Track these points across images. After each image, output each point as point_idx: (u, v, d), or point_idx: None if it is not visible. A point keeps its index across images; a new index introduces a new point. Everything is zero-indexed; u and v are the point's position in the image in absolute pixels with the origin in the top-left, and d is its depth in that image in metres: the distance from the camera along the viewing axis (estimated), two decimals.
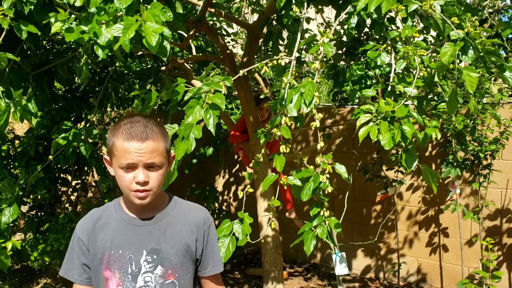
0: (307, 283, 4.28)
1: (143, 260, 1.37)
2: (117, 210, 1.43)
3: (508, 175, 3.63)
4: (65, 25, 2.05)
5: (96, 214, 1.47)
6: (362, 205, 4.35)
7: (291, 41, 2.78)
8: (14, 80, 2.79)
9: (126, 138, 1.30)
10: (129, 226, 1.39)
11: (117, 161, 1.32)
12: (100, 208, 1.49)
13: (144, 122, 1.33)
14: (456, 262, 3.86)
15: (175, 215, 1.43)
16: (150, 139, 1.31)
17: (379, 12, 2.01)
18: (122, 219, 1.41)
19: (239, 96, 3.29)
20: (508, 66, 2.00)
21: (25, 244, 3.90)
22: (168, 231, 1.40)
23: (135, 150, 1.29)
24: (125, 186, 1.33)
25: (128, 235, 1.38)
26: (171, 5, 2.47)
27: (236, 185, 5.28)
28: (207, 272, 1.47)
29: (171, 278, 1.38)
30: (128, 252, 1.37)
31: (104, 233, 1.40)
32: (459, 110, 3.51)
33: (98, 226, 1.42)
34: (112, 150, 1.33)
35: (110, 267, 1.37)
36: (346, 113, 4.45)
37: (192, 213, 1.46)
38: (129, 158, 1.29)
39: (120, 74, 4.10)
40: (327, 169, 2.02)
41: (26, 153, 3.81)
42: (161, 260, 1.37)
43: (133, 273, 1.36)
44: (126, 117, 1.37)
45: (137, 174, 1.30)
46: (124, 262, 1.36)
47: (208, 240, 1.45)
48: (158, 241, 1.38)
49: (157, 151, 1.32)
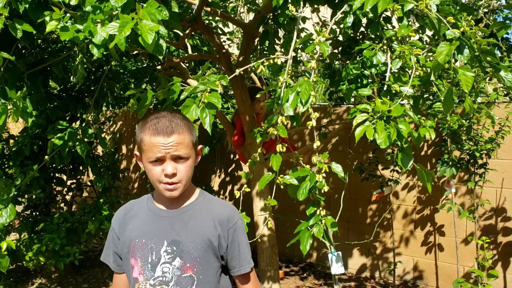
0: (303, 282, 4.28)
1: (163, 250, 1.40)
2: (148, 201, 1.49)
3: (503, 174, 3.65)
4: (60, 24, 2.04)
5: (129, 205, 1.54)
6: (358, 204, 4.36)
7: (287, 40, 2.78)
8: (9, 79, 2.78)
9: (152, 134, 1.35)
10: (154, 216, 1.44)
11: (146, 155, 1.37)
12: (136, 199, 1.55)
13: (169, 117, 1.39)
14: (451, 261, 3.87)
15: (200, 209, 1.45)
16: (176, 132, 1.36)
17: (375, 12, 2.01)
18: (150, 209, 1.46)
19: (235, 95, 3.28)
20: (503, 65, 2.01)
21: (20, 244, 3.89)
22: (191, 224, 1.42)
23: (161, 144, 1.34)
24: (155, 179, 1.37)
25: (152, 225, 1.43)
26: (167, 4, 2.47)
27: (232, 184, 5.28)
28: (235, 272, 1.48)
29: (189, 271, 1.39)
30: (151, 242, 1.41)
31: (133, 223, 1.46)
32: (455, 110, 3.52)
33: (129, 216, 1.49)
34: (141, 146, 1.39)
35: (135, 255, 1.42)
36: (342, 112, 4.45)
37: (217, 209, 1.47)
38: (157, 151, 1.34)
39: (116, 73, 4.08)
40: (323, 168, 2.02)
41: (21, 152, 3.80)
42: (180, 252, 1.39)
43: (153, 263, 1.39)
44: (152, 113, 1.42)
45: (165, 166, 1.35)
46: (146, 251, 1.40)
47: (233, 238, 1.45)
48: (179, 233, 1.41)
49: (183, 144, 1.37)
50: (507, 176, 3.64)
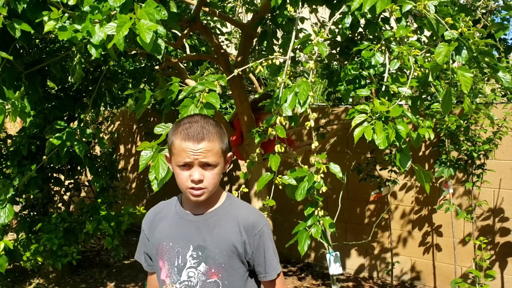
0: (301, 282, 4.28)
1: (189, 255, 1.41)
2: (176, 204, 1.50)
3: (501, 174, 3.65)
4: (58, 23, 2.04)
5: (159, 206, 1.55)
6: (356, 204, 4.36)
7: (285, 40, 2.79)
8: (7, 79, 2.78)
9: (183, 138, 1.35)
10: (181, 220, 1.45)
11: (175, 159, 1.38)
12: (166, 201, 1.55)
13: (202, 123, 1.37)
14: (449, 261, 3.88)
15: (226, 214, 1.44)
16: (206, 139, 1.35)
17: (374, 12, 2.01)
18: (177, 212, 1.47)
19: (233, 96, 3.28)
20: (501, 66, 2.01)
21: (18, 244, 3.87)
22: (216, 229, 1.42)
23: (190, 149, 1.34)
24: (182, 183, 1.38)
25: (179, 229, 1.44)
26: (165, 4, 2.47)
27: (230, 184, 5.28)
28: (261, 277, 1.47)
29: (214, 277, 1.40)
30: (177, 246, 1.42)
31: (162, 225, 1.47)
32: (453, 110, 3.52)
33: (158, 218, 1.50)
34: (171, 149, 1.39)
35: (162, 257, 1.44)
36: (340, 113, 4.46)
37: (243, 214, 1.46)
38: (185, 157, 1.34)
39: (114, 73, 4.08)
40: (321, 169, 2.02)
41: (18, 152, 3.79)
42: (205, 257, 1.39)
43: (179, 267, 1.41)
44: (187, 117, 1.41)
45: (193, 172, 1.35)
46: (173, 254, 1.42)
47: (258, 244, 1.44)
48: (204, 238, 1.41)
49: (212, 151, 1.36)
50: (504, 177, 3.65)
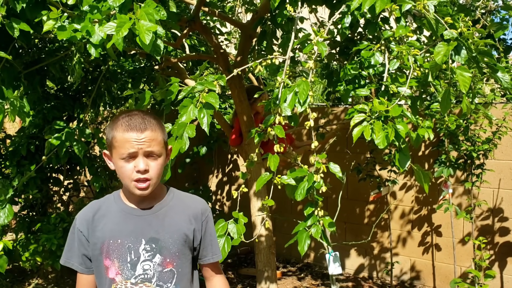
0: (300, 282, 4.28)
1: (142, 248, 1.41)
2: (117, 201, 1.48)
3: (500, 174, 3.65)
4: (57, 23, 2.03)
5: (96, 205, 1.51)
6: (355, 204, 4.36)
7: (285, 40, 2.78)
8: (6, 78, 2.77)
9: (125, 130, 1.36)
10: (128, 216, 1.44)
11: (117, 152, 1.37)
12: (99, 199, 1.54)
13: (141, 115, 1.40)
14: (448, 261, 3.88)
15: (174, 205, 1.48)
16: (149, 129, 1.37)
17: (373, 12, 2.01)
18: (122, 209, 1.46)
19: (233, 96, 3.28)
20: (500, 66, 2.01)
21: (17, 244, 3.87)
22: (167, 220, 1.45)
23: (134, 139, 1.35)
24: (126, 176, 1.37)
25: (127, 225, 1.43)
26: (165, 4, 2.46)
27: (229, 184, 5.28)
28: (207, 260, 1.53)
29: (169, 266, 1.43)
30: (127, 241, 1.41)
31: (104, 223, 1.45)
32: (452, 110, 3.52)
33: (98, 216, 1.46)
34: (112, 143, 1.39)
35: (110, 256, 1.42)
36: (340, 113, 4.46)
37: (191, 203, 1.52)
38: (130, 147, 1.35)
39: (113, 73, 4.07)
40: (321, 169, 2.02)
41: (17, 152, 3.78)
42: (160, 249, 1.42)
43: (132, 262, 1.41)
44: (123, 112, 1.43)
45: (138, 162, 1.36)
46: (123, 251, 1.41)
47: (206, 229, 1.51)
48: (156, 231, 1.43)
49: (156, 140, 1.38)
50: (504, 177, 3.65)
